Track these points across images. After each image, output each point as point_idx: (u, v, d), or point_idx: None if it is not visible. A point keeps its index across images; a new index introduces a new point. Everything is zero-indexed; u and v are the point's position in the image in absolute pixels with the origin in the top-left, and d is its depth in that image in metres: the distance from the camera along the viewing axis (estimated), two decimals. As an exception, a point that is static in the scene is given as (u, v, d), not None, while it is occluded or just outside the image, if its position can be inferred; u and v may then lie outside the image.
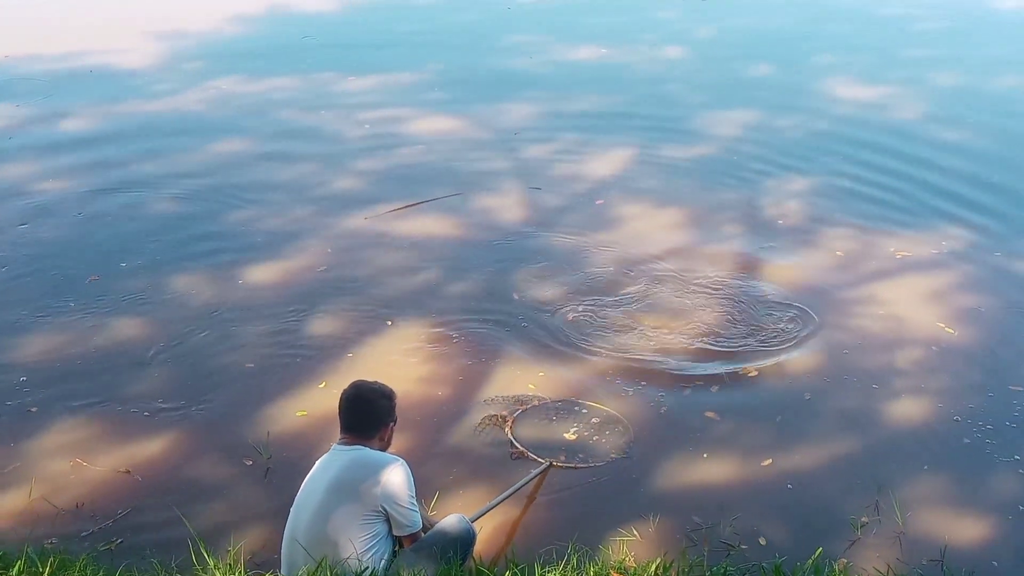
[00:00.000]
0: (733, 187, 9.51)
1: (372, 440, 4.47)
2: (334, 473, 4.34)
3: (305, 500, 4.38)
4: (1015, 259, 8.13)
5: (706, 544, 5.14)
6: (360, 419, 4.48)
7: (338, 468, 4.35)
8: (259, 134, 10.95)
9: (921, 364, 6.73)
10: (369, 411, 4.50)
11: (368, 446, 4.44)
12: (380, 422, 4.51)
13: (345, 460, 4.37)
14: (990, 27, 15.72)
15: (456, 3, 17.36)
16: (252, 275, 7.87)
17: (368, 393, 4.52)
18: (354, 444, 4.43)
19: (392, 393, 4.59)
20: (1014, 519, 5.42)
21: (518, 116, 11.45)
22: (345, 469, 4.34)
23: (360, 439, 4.44)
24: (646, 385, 6.48)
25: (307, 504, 4.35)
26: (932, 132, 10.93)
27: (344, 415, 4.50)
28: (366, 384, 4.57)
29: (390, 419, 4.56)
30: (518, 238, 8.50)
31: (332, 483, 4.31)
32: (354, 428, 4.47)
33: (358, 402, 4.50)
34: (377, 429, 4.50)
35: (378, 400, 4.51)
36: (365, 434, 4.46)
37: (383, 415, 4.52)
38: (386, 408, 4.53)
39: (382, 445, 4.54)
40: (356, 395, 4.51)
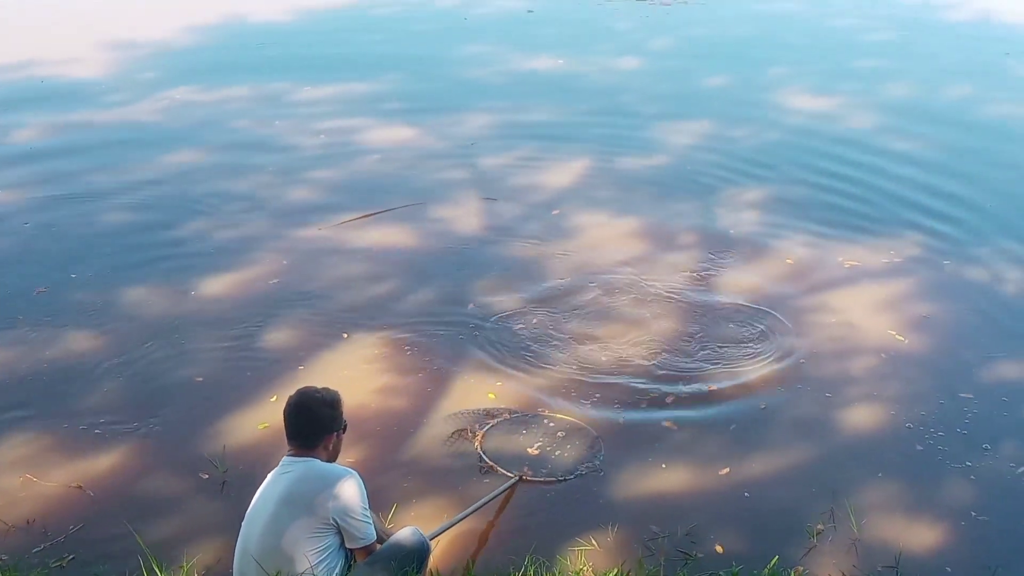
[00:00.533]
0: (689, 197, 9.56)
1: (317, 450, 4.38)
2: (285, 486, 4.28)
3: (256, 513, 4.32)
4: (966, 267, 8.24)
5: (663, 553, 5.15)
6: (302, 429, 4.38)
7: (289, 481, 4.29)
8: (213, 144, 10.86)
9: (874, 372, 6.80)
10: (311, 421, 4.38)
11: (315, 456, 4.37)
12: (323, 431, 4.39)
13: (296, 473, 4.31)
14: (939, 38, 15.96)
15: (412, 14, 17.34)
16: (207, 287, 7.79)
17: (310, 402, 4.40)
18: (302, 455, 4.36)
19: (335, 401, 4.46)
20: (967, 525, 5.48)
21: (475, 126, 11.45)
22: (296, 482, 4.28)
23: (305, 449, 4.37)
24: (604, 395, 6.49)
25: (258, 517, 4.29)
26: (884, 141, 11.07)
27: (287, 425, 4.40)
28: (309, 393, 4.44)
29: (334, 428, 4.44)
30: (475, 248, 8.50)
31: (283, 496, 4.25)
32: (296, 438, 4.38)
33: (299, 412, 4.39)
34: (320, 439, 4.38)
35: (320, 409, 4.39)
36: (309, 444, 4.37)
37: (326, 425, 4.40)
38: (329, 417, 4.41)
39: (329, 455, 4.44)
40: (298, 404, 4.40)
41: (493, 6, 17.96)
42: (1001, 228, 8.95)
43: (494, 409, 6.29)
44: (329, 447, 4.43)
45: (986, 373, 6.83)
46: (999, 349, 7.11)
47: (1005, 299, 7.80)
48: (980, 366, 6.91)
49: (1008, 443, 6.11)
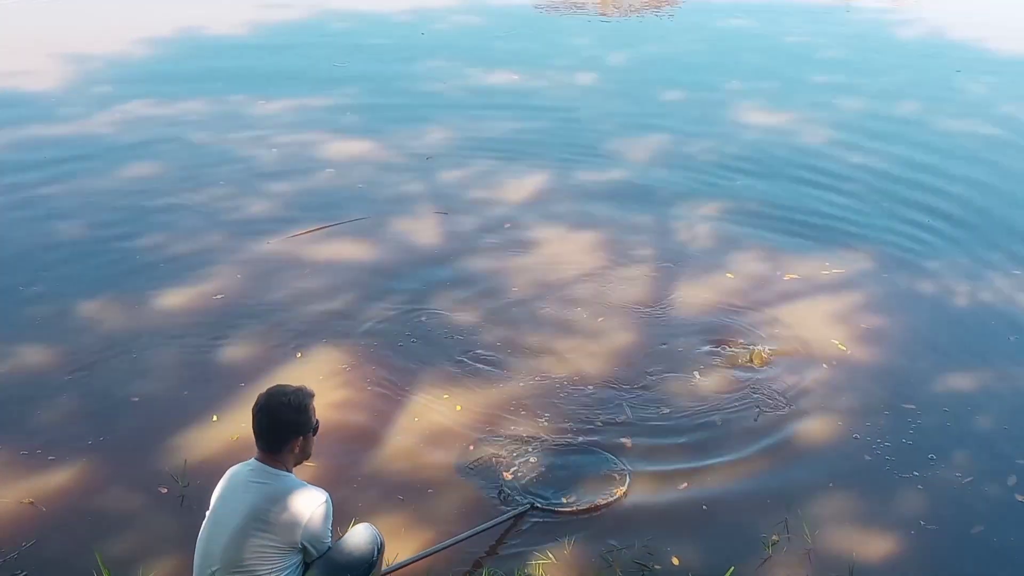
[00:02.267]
0: (645, 211, 9.64)
1: (284, 453, 4.30)
2: (257, 501, 4.21)
3: (223, 520, 4.25)
4: (915, 280, 8.38)
5: (617, 566, 5.18)
6: (268, 433, 4.29)
7: (263, 497, 4.22)
8: (169, 158, 10.80)
9: (825, 384, 6.89)
10: (276, 425, 4.28)
11: (283, 458, 4.30)
12: (290, 436, 4.29)
13: (271, 491, 4.23)
14: (892, 55, 16.20)
15: (370, 28, 17.35)
16: (162, 300, 7.74)
17: (276, 406, 4.29)
18: (270, 462, 4.29)
19: (303, 405, 4.33)
20: (916, 534, 5.56)
21: (432, 140, 11.47)
22: (271, 501, 4.21)
23: (273, 453, 4.30)
24: (561, 409, 6.51)
25: (224, 527, 4.22)
26: (837, 156, 11.22)
27: (254, 426, 4.32)
28: (276, 395, 4.32)
29: (301, 432, 4.33)
30: (433, 262, 8.51)
31: (255, 512, 4.19)
32: (263, 440, 4.31)
33: (265, 415, 4.29)
34: (287, 443, 4.29)
35: (286, 414, 4.28)
36: (275, 448, 4.29)
37: (292, 429, 4.29)
38: (295, 422, 4.29)
39: (298, 457, 4.37)
40: (264, 408, 4.30)
41: (450, 21, 18.01)
42: (951, 242, 9.09)
43: (526, 436, 6.23)
44: (296, 450, 4.34)
45: (930, 384, 6.94)
46: (943, 361, 7.23)
47: (954, 312, 7.93)
48: (925, 377, 7.02)
49: (952, 453, 6.21)
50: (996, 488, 5.93)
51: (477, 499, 5.71)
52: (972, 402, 6.75)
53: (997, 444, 6.36)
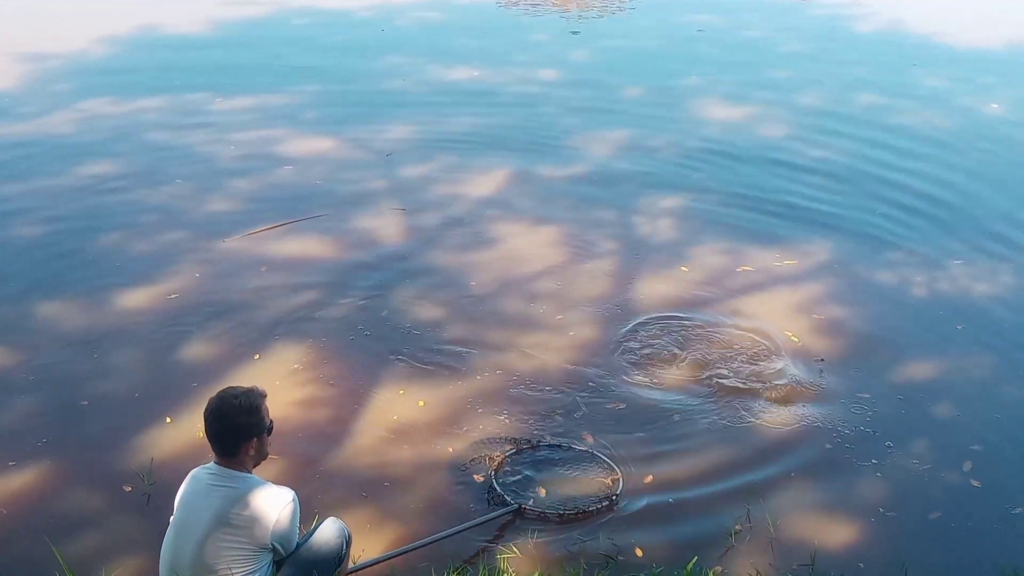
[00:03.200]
0: (607, 205, 9.68)
1: (240, 456, 4.27)
2: (223, 505, 4.19)
3: (188, 527, 4.23)
4: (874, 271, 8.47)
5: (582, 558, 5.21)
6: (220, 437, 4.26)
7: (228, 500, 4.20)
8: (129, 156, 10.71)
9: (784, 375, 6.95)
10: (228, 429, 4.24)
11: (241, 461, 4.28)
12: (242, 439, 4.25)
13: (236, 493, 4.21)
14: (850, 49, 16.34)
15: (330, 25, 17.27)
16: (122, 300, 7.69)
17: (227, 409, 4.24)
18: (230, 465, 4.27)
19: (255, 406, 4.27)
20: (877, 521, 5.64)
21: (393, 137, 11.44)
22: (237, 504, 4.19)
23: (229, 457, 4.27)
24: (524, 405, 6.54)
25: (190, 533, 4.21)
26: (796, 149, 11.32)
27: (207, 431, 4.29)
28: (227, 399, 4.27)
29: (255, 434, 4.28)
30: (395, 258, 8.50)
31: (221, 517, 4.17)
32: (216, 444, 4.28)
33: (217, 420, 4.24)
34: (240, 446, 4.25)
35: (237, 417, 4.23)
36: (230, 452, 4.26)
37: (244, 432, 4.25)
38: (247, 424, 4.24)
39: (254, 458, 4.34)
40: (215, 412, 4.25)
41: (410, 17, 17.97)
42: (908, 233, 9.20)
43: (521, 437, 6.21)
44: (251, 452, 4.30)
45: (886, 374, 7.03)
46: (900, 351, 7.32)
47: (910, 303, 8.02)
48: (881, 367, 7.11)
49: (909, 441, 6.31)
50: (953, 474, 6.03)
51: (442, 496, 5.73)
52: (927, 391, 6.86)
53: (952, 431, 6.47)
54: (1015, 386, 6.99)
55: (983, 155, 11.36)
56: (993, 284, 8.32)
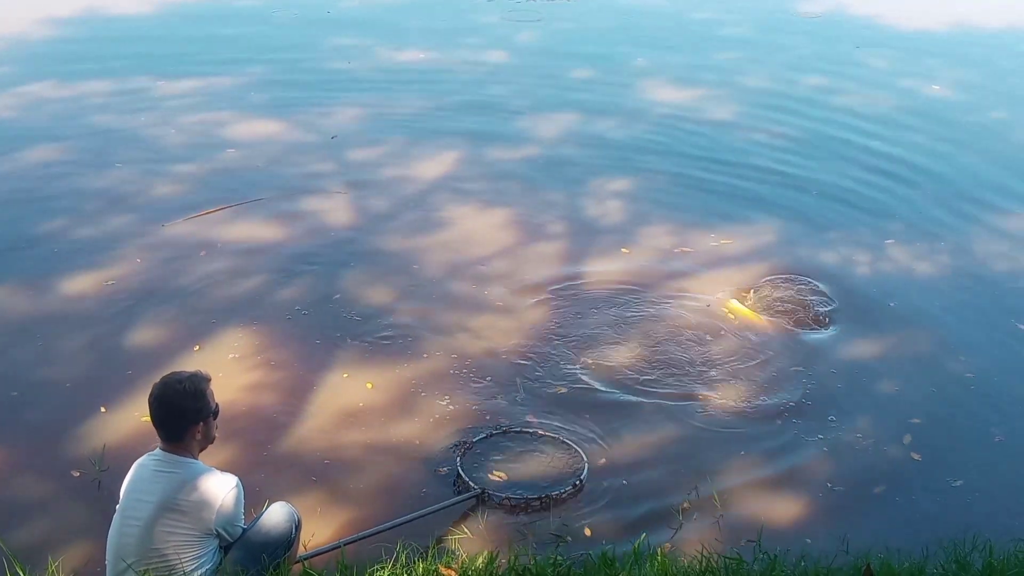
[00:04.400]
0: (557, 187, 9.70)
1: (187, 440, 4.27)
2: (168, 491, 4.18)
3: (133, 514, 4.21)
4: (819, 250, 8.58)
5: (532, 538, 5.25)
6: (166, 422, 4.26)
7: (172, 486, 4.19)
8: (72, 140, 10.53)
9: (730, 353, 7.04)
10: (173, 414, 4.24)
11: (187, 446, 4.28)
12: (188, 423, 4.25)
13: (179, 479, 4.21)
14: (794, 31, 16.48)
15: (275, 6, 17.07)
16: (66, 286, 7.57)
17: (172, 394, 4.24)
18: (176, 451, 4.26)
19: (199, 391, 4.28)
20: (824, 496, 5.75)
21: (340, 119, 11.37)
22: (181, 490, 4.19)
23: (175, 442, 4.27)
24: (476, 387, 6.55)
25: (135, 519, 4.19)
26: (744, 131, 11.43)
27: (152, 417, 4.28)
28: (171, 383, 4.26)
29: (200, 418, 4.29)
30: (343, 241, 8.46)
31: (166, 502, 4.17)
32: (162, 429, 4.27)
33: (162, 405, 4.24)
34: (186, 430, 4.26)
35: (182, 401, 4.23)
36: (176, 437, 4.26)
37: (190, 416, 4.25)
38: (193, 409, 4.25)
39: (201, 443, 4.34)
40: (160, 397, 4.25)
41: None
42: (851, 213, 9.35)
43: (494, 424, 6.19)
44: (198, 436, 4.31)
45: (828, 351, 7.16)
46: (840, 328, 7.44)
47: (851, 281, 8.14)
48: (823, 344, 7.23)
49: (851, 415, 6.46)
50: (894, 448, 6.17)
51: (393, 479, 5.73)
52: (866, 366, 7.01)
53: (891, 405, 6.62)
54: (949, 360, 7.14)
55: (923, 136, 11.54)
56: (929, 263, 8.49)
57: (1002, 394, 6.80)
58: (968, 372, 6.98)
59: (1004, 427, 6.45)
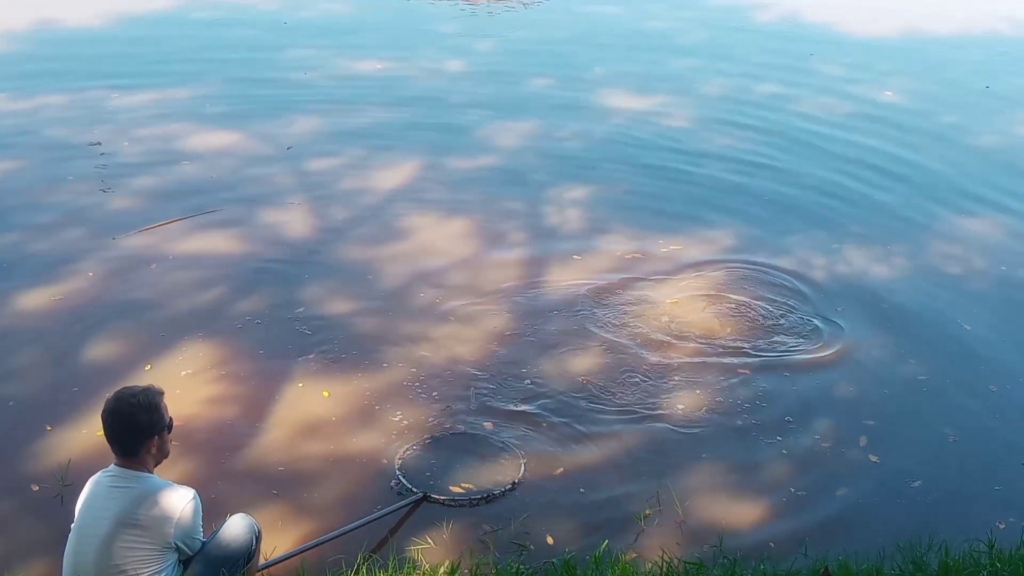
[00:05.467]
0: (516, 196, 9.72)
1: (141, 455, 4.23)
2: (124, 506, 4.15)
3: (90, 530, 4.17)
4: (777, 256, 8.65)
5: (493, 547, 5.25)
6: (120, 437, 4.22)
7: (128, 501, 4.16)
8: (26, 154, 10.43)
9: (694, 359, 7.08)
10: (128, 428, 4.20)
11: (142, 461, 4.24)
12: (143, 437, 4.22)
13: (136, 493, 4.18)
14: (748, 40, 16.63)
15: (231, 18, 16.98)
16: (21, 301, 7.50)
17: (125, 408, 4.20)
18: (131, 465, 4.23)
19: (152, 404, 4.23)
20: (787, 500, 5.80)
21: (298, 131, 11.32)
22: (137, 504, 4.16)
23: (130, 458, 4.23)
24: (435, 396, 6.55)
25: (92, 535, 4.15)
26: (701, 138, 11.52)
27: (106, 432, 4.24)
28: (124, 398, 4.23)
29: (154, 432, 4.25)
30: (302, 253, 8.43)
31: (123, 518, 4.13)
32: (117, 445, 4.23)
33: (115, 419, 4.20)
34: (141, 444, 4.22)
35: (136, 415, 4.19)
36: (131, 452, 4.22)
37: (144, 430, 4.21)
38: (147, 423, 4.21)
39: (156, 457, 4.31)
40: (113, 412, 4.20)
41: (315, 9, 17.78)
42: (806, 219, 9.46)
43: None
44: (153, 450, 4.28)
45: (786, 356, 7.19)
46: (797, 333, 7.49)
47: (808, 285, 8.19)
48: (781, 349, 7.27)
49: (810, 419, 6.52)
50: (852, 450, 6.24)
51: (353, 490, 5.71)
52: (821, 370, 7.06)
53: (846, 408, 6.69)
54: (900, 363, 7.22)
55: (876, 141, 11.69)
56: (883, 265, 8.62)
57: (954, 395, 6.90)
58: (920, 375, 7.07)
59: (957, 428, 6.54)
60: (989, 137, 12.21)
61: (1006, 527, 5.60)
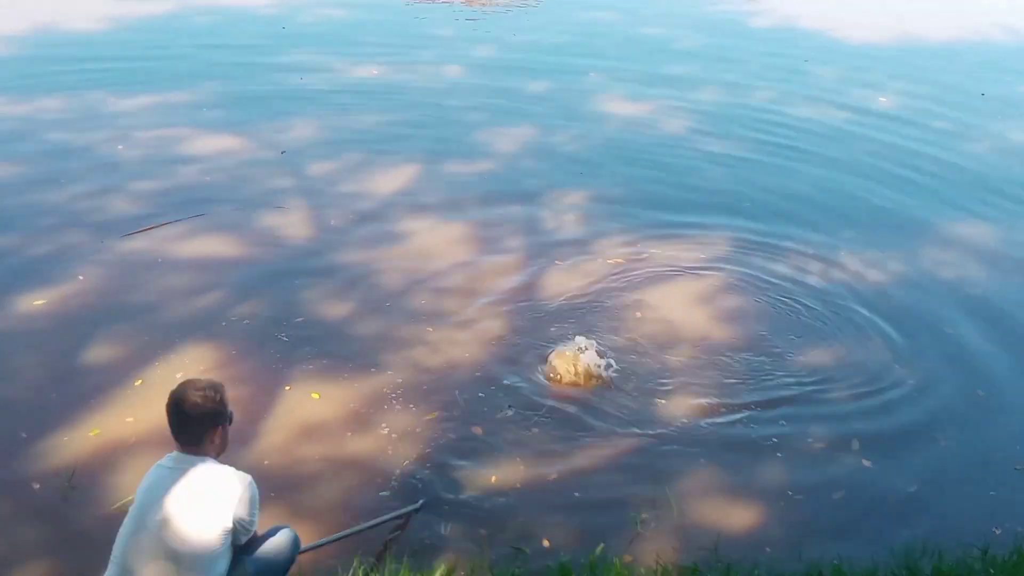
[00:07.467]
0: (513, 201, 9.74)
1: (204, 445, 4.36)
2: (186, 486, 4.26)
3: (152, 512, 4.24)
4: (772, 261, 8.67)
5: (489, 550, 5.27)
6: (186, 426, 4.33)
7: (191, 482, 4.27)
8: (25, 157, 10.44)
9: (690, 363, 7.11)
10: (194, 417, 4.32)
11: (204, 451, 4.36)
12: (208, 426, 4.35)
13: (197, 476, 4.29)
14: (744, 45, 16.68)
15: (230, 23, 17.02)
16: (21, 303, 7.51)
17: (193, 398, 4.31)
18: (191, 454, 4.34)
19: (218, 395, 4.39)
20: (785, 504, 5.82)
21: (296, 135, 11.34)
22: (199, 484, 4.27)
23: (193, 446, 4.34)
24: (434, 400, 6.57)
25: (155, 516, 4.22)
26: (696, 145, 11.55)
27: (171, 422, 4.36)
28: (191, 388, 4.36)
29: (219, 422, 4.39)
30: (300, 257, 8.44)
31: (186, 498, 4.24)
32: (182, 435, 4.35)
33: (182, 408, 4.32)
34: (205, 435, 4.35)
35: (203, 405, 4.32)
36: (195, 441, 4.34)
37: (209, 420, 4.35)
38: (213, 412, 4.35)
39: (217, 448, 4.43)
40: (180, 401, 4.32)
41: (313, 14, 17.82)
42: (803, 224, 9.48)
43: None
44: (216, 441, 4.40)
45: (783, 360, 7.22)
46: (795, 337, 7.53)
47: (806, 291, 8.22)
48: (779, 353, 7.30)
49: (807, 423, 6.54)
50: (845, 454, 6.27)
51: (351, 493, 5.73)
52: (816, 374, 7.07)
53: (841, 411, 6.71)
54: (893, 367, 7.23)
55: (871, 146, 11.78)
56: (877, 271, 8.65)
57: (946, 400, 6.92)
58: (911, 379, 7.11)
59: (950, 432, 6.57)
60: (984, 143, 12.28)
61: (1002, 532, 5.62)
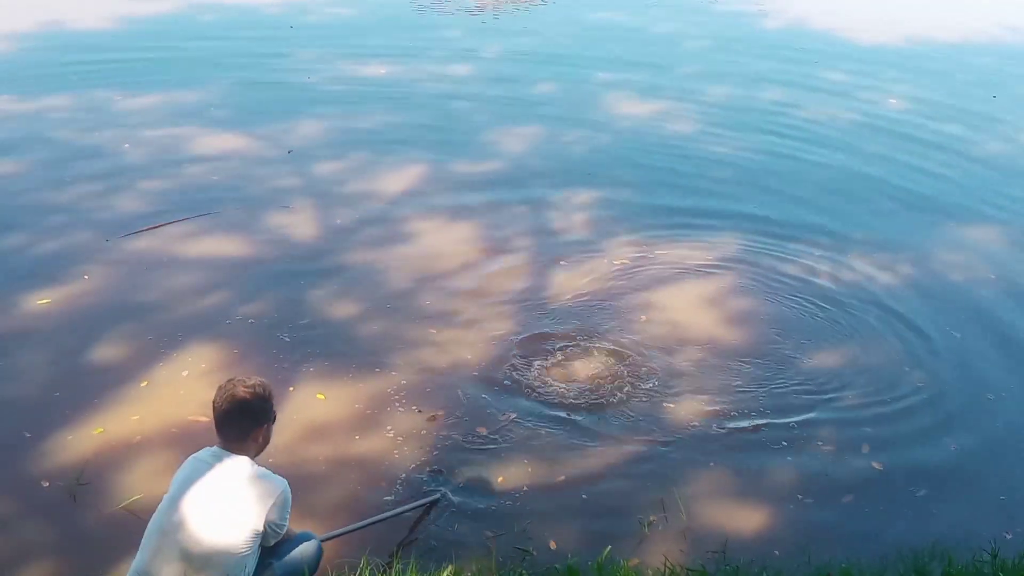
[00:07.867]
0: (521, 201, 9.72)
1: (247, 442, 4.41)
2: (224, 482, 4.31)
3: (187, 504, 4.28)
4: (782, 263, 8.64)
5: (496, 551, 5.24)
6: (233, 422, 4.39)
7: (230, 479, 4.31)
8: (32, 156, 10.43)
9: (698, 364, 7.08)
10: (242, 414, 4.38)
11: (246, 448, 4.41)
12: (254, 424, 4.42)
13: (236, 473, 4.33)
14: (755, 46, 16.65)
15: (238, 22, 17.04)
16: (29, 301, 7.50)
17: (242, 395, 4.38)
18: (234, 448, 4.38)
19: (267, 394, 4.48)
20: (794, 507, 5.79)
21: (304, 134, 11.34)
22: (237, 481, 4.32)
23: (236, 443, 4.39)
24: (440, 400, 6.55)
25: (190, 508, 4.26)
26: (705, 145, 11.51)
27: (218, 418, 4.41)
28: (239, 387, 4.42)
29: (264, 421, 4.47)
30: (307, 257, 8.43)
31: (223, 493, 4.28)
32: (227, 431, 4.40)
33: (231, 405, 4.37)
34: (249, 432, 4.41)
35: (252, 402, 4.39)
36: (240, 437, 4.39)
37: (256, 418, 4.42)
38: (260, 410, 4.43)
39: (259, 446, 4.49)
40: (229, 398, 4.38)
41: (321, 13, 17.83)
42: (813, 225, 9.44)
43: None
44: (259, 439, 4.46)
45: (792, 362, 7.19)
46: (805, 340, 7.50)
47: (816, 293, 8.18)
48: (787, 356, 7.26)
49: (816, 426, 6.50)
50: (855, 458, 6.23)
51: (356, 494, 5.71)
52: (825, 377, 7.04)
53: (850, 414, 6.66)
54: (902, 371, 7.20)
55: (881, 148, 11.73)
56: (887, 273, 8.60)
57: (953, 403, 6.88)
58: (920, 383, 7.06)
59: (958, 436, 6.53)
60: (995, 145, 12.24)
61: (1013, 537, 5.58)
